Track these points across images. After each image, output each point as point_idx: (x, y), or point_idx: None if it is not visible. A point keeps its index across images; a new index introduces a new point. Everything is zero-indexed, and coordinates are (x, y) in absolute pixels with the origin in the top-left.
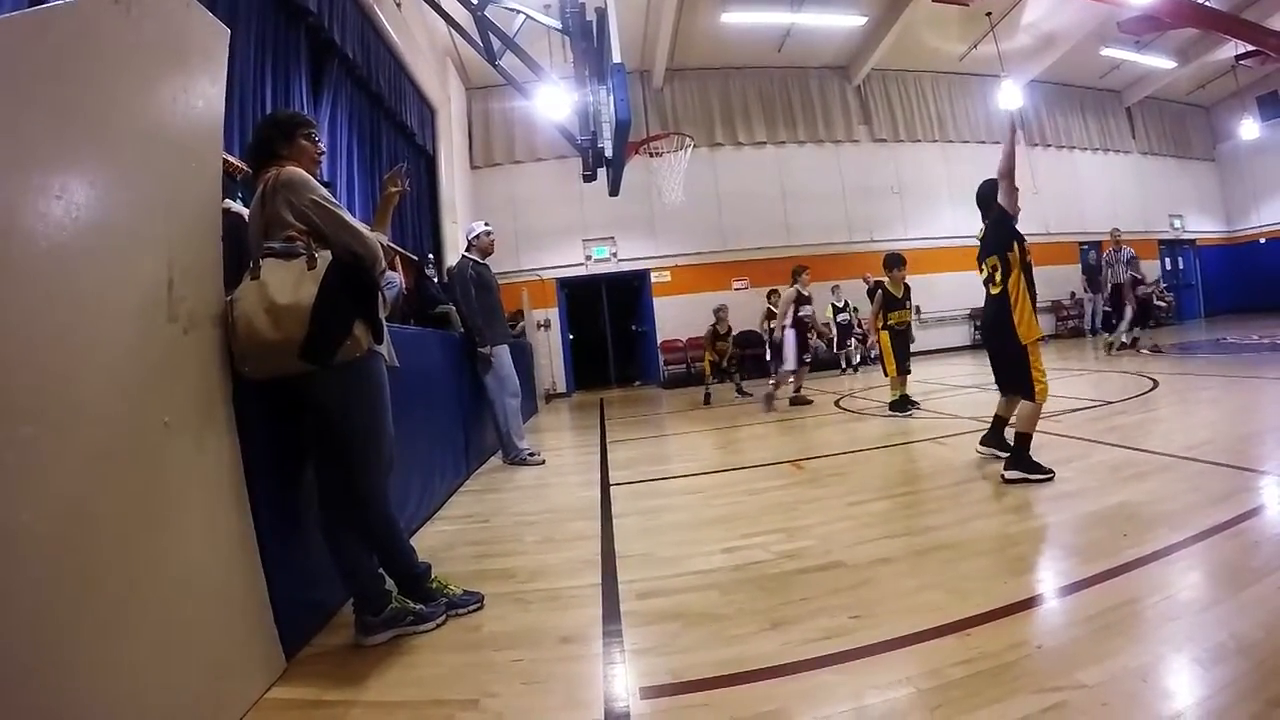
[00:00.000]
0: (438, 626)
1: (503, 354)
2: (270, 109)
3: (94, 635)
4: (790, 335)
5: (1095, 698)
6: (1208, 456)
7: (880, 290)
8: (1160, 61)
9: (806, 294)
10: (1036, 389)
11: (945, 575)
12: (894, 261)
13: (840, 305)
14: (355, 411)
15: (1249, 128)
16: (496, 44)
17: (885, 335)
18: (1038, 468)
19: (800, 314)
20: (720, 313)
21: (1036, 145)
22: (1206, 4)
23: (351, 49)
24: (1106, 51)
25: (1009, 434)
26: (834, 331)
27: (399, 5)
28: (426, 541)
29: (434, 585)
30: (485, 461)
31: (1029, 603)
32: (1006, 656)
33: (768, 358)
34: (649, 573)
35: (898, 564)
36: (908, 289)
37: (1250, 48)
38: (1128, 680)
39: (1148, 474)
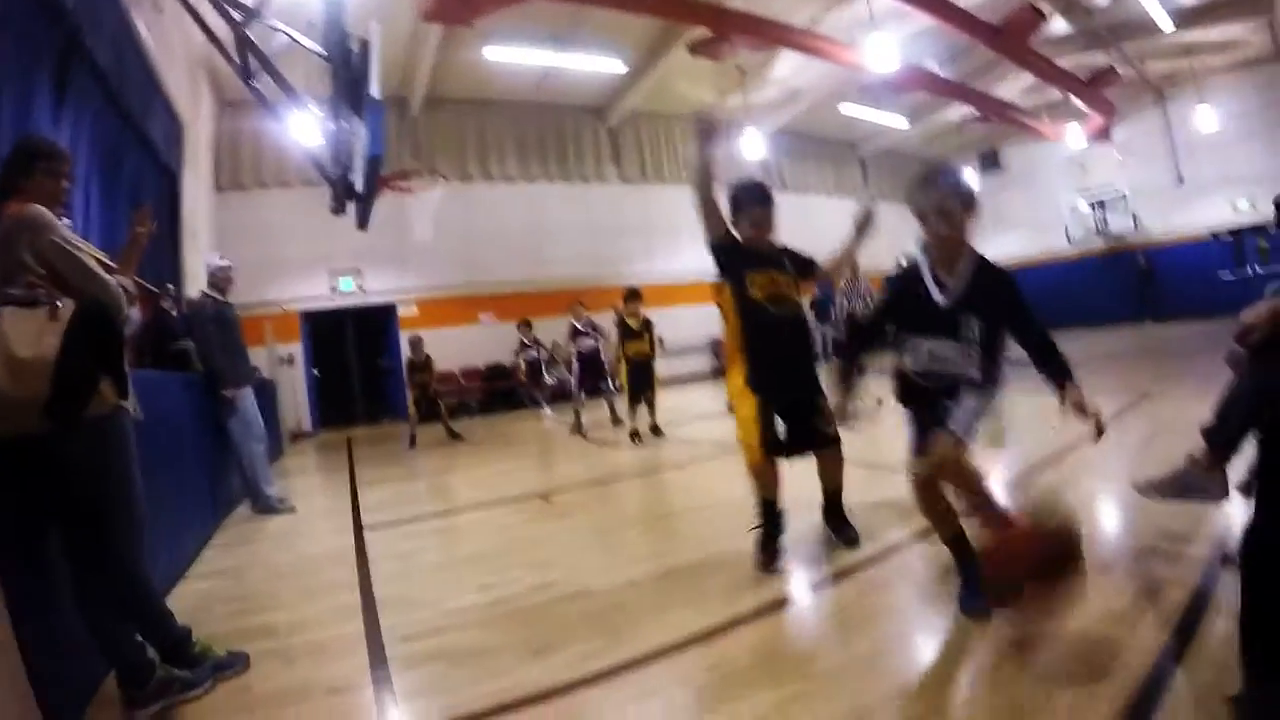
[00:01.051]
0: (207, 692)
1: (247, 396)
2: (6, 123)
3: None
4: (575, 366)
5: (832, 682)
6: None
7: (619, 323)
8: (894, 120)
9: (581, 326)
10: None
11: (689, 593)
12: (629, 295)
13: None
14: (104, 472)
15: (970, 180)
16: (254, 62)
17: (623, 366)
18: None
19: (578, 346)
20: (415, 343)
21: (777, 189)
22: (938, 74)
23: (103, 54)
24: (845, 109)
25: None
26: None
27: (161, 10)
28: (180, 602)
29: (197, 649)
30: (232, 511)
31: (770, 608)
32: (751, 658)
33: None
34: (410, 615)
35: (644, 586)
36: (646, 322)
37: (974, 111)
38: (859, 664)
39: (856, 486)
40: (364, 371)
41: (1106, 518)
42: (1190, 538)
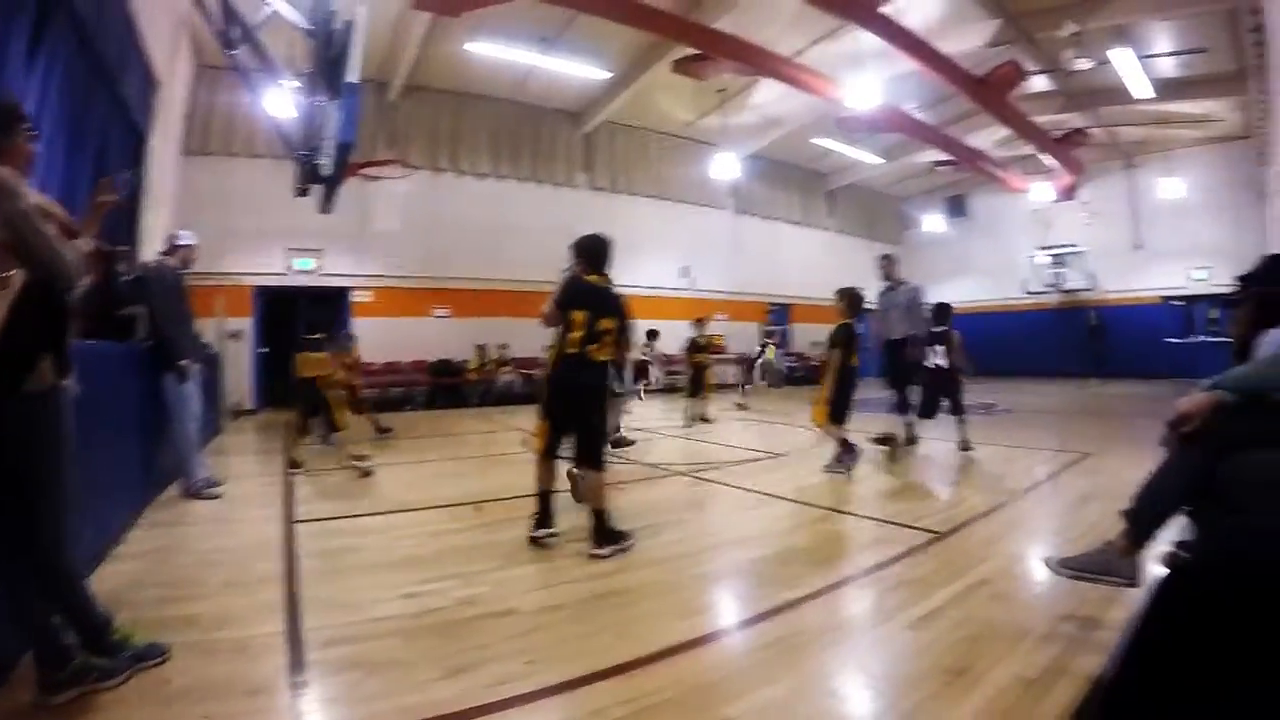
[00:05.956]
0: (123, 682)
1: (190, 373)
2: None
3: None
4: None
5: None
6: (860, 511)
7: None
8: (867, 156)
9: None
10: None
11: (613, 620)
12: None
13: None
14: (36, 449)
15: (935, 222)
16: (237, 28)
17: None
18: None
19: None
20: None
21: (744, 213)
22: (916, 118)
23: (84, 1)
24: (819, 140)
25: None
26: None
27: None
28: (107, 583)
29: (117, 637)
30: (164, 489)
31: (690, 644)
32: (665, 694)
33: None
34: (333, 619)
35: (569, 610)
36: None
37: (946, 156)
38: (770, 711)
39: (803, 525)
40: None
41: (1025, 584)
42: (1100, 620)
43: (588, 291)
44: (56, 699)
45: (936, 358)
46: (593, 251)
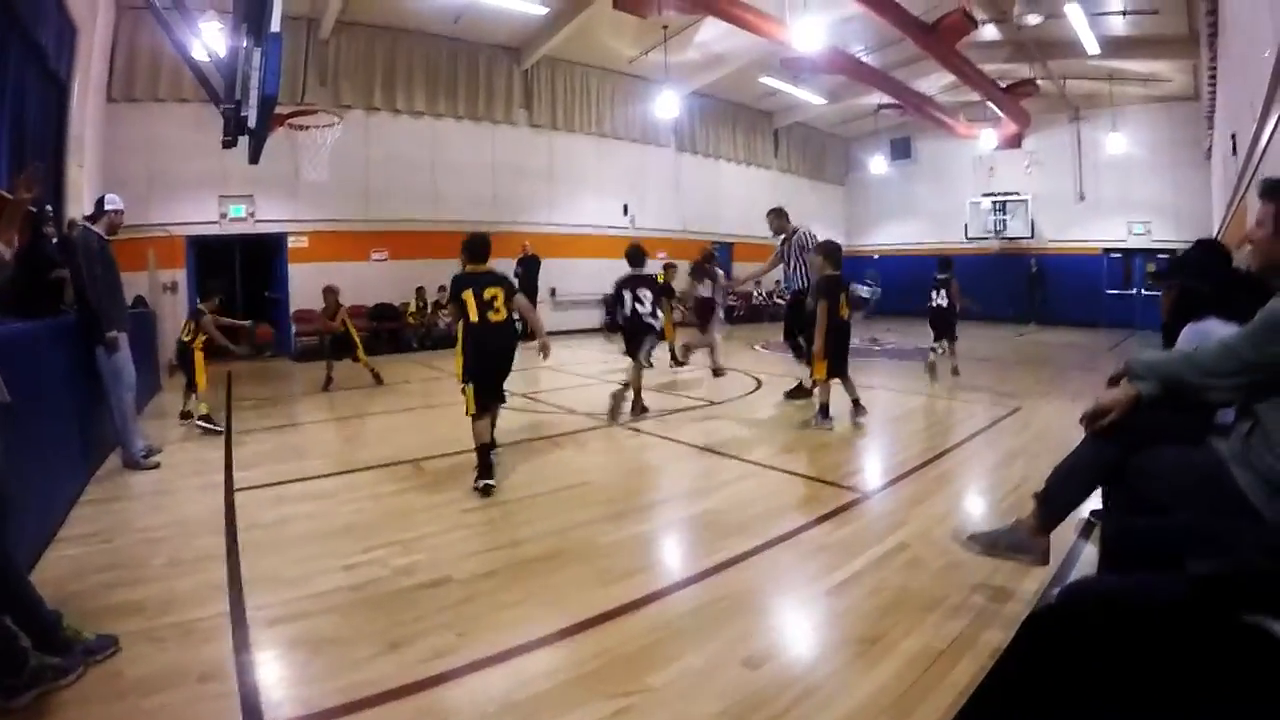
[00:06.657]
0: (79, 678)
1: (122, 342)
2: None
3: None
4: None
5: (658, 699)
6: (790, 466)
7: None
8: (812, 97)
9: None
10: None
11: (542, 587)
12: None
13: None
14: None
15: (878, 164)
16: None
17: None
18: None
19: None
20: (328, 294)
21: (686, 151)
22: (862, 60)
23: None
24: (765, 79)
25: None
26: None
27: None
28: (52, 570)
29: (67, 634)
30: (105, 460)
31: (615, 612)
32: (589, 665)
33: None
34: (276, 596)
35: (501, 577)
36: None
37: (892, 100)
38: (687, 681)
39: (732, 482)
40: (249, 303)
41: (942, 550)
42: (1012, 592)
43: (470, 278)
44: (16, 703)
45: (939, 299)
46: (473, 247)
